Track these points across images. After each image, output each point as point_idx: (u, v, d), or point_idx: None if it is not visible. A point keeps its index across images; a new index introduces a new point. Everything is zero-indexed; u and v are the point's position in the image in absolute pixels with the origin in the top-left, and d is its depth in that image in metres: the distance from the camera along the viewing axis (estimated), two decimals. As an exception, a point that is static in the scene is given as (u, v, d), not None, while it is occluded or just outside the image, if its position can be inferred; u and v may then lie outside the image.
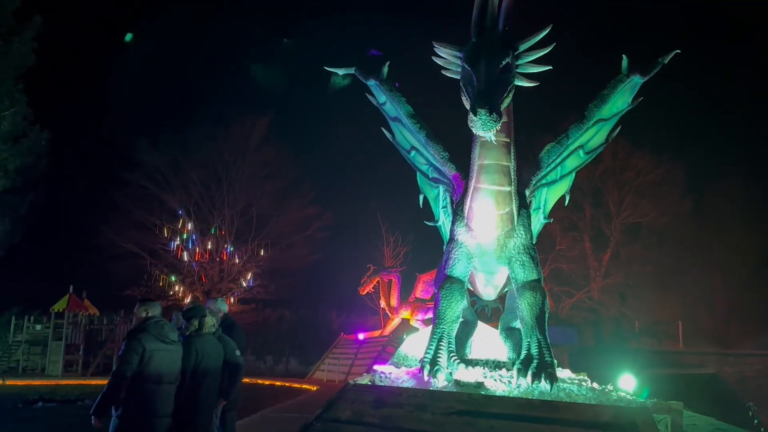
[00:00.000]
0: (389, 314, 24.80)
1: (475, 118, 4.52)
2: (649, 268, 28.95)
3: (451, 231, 5.97)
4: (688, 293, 27.65)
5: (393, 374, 5.39)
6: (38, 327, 25.86)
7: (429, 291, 23.91)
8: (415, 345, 7.37)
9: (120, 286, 29.32)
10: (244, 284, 30.22)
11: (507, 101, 4.97)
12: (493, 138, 4.84)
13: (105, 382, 16.59)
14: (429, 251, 29.18)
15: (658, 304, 28.21)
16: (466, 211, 5.58)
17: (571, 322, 28.91)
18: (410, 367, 5.86)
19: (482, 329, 7.39)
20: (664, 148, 29.87)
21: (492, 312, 7.86)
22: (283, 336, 29.82)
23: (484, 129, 4.56)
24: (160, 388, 5.22)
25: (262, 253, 30.80)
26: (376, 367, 5.82)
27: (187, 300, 29.66)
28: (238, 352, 6.46)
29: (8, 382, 19.86)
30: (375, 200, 31.17)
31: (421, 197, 7.54)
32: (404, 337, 7.56)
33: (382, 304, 25.31)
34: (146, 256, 29.52)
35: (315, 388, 19.60)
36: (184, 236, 29.78)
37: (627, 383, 6.38)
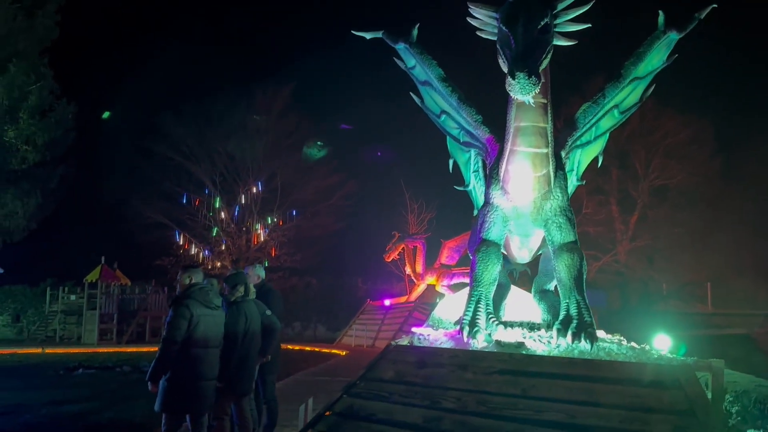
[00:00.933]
0: (415, 280, 24.99)
1: (513, 81, 4.46)
2: (677, 230, 28.61)
3: (486, 194, 5.96)
4: (717, 254, 27.31)
5: (432, 336, 5.47)
6: (73, 297, 26.65)
7: (454, 257, 24.03)
8: (449, 308, 7.45)
9: (150, 256, 29.92)
10: (273, 254, 30.62)
11: (545, 62, 4.89)
12: (531, 100, 4.79)
13: (140, 349, 17.24)
14: (453, 218, 29.21)
15: (686, 266, 27.95)
16: (501, 174, 5.56)
17: (597, 286, 28.82)
18: (447, 330, 5.94)
19: (514, 292, 7.43)
20: (693, 108, 29.21)
21: (519, 275, 7.88)
22: (310, 303, 30.29)
23: (523, 92, 4.50)
24: (207, 352, 5.40)
25: (286, 223, 31.10)
26: (414, 329, 5.91)
27: (217, 269, 30.19)
28: (268, 312, 6.65)
29: (47, 350, 20.61)
30: (398, 168, 31.19)
31: (450, 162, 7.50)
32: (437, 301, 7.65)
33: (408, 270, 25.50)
34: (174, 226, 29.99)
35: (344, 353, 19.96)
36: (213, 206, 30.16)
37: (662, 343, 6.40)
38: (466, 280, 22.41)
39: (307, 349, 21.73)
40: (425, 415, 4.30)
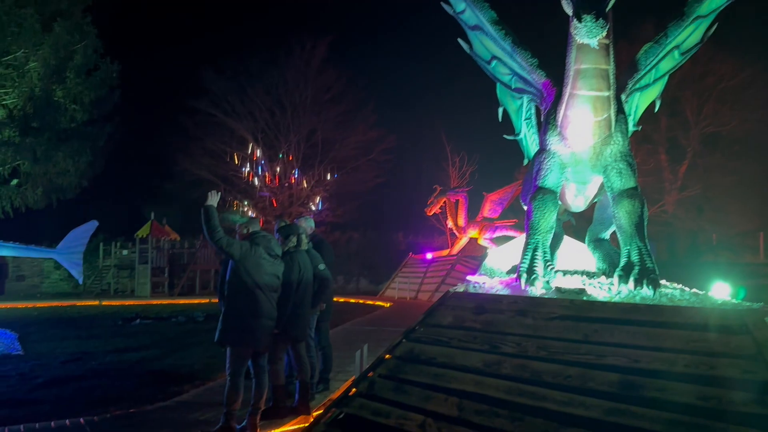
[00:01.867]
0: (456, 234, 24.98)
1: (579, 24, 4.29)
2: (728, 178, 27.65)
3: (542, 141, 5.84)
4: (771, 203, 26.34)
5: (487, 284, 5.48)
6: (125, 252, 27.61)
7: (496, 210, 23.88)
8: (500, 258, 7.44)
9: (197, 212, 30.53)
10: (313, 208, 30.92)
11: (612, 2, 4.69)
12: (596, 43, 4.61)
13: (191, 301, 17.83)
14: (495, 171, 28.92)
15: (737, 216, 27.11)
16: (559, 120, 5.41)
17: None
18: (502, 278, 5.94)
19: (566, 242, 7.33)
20: (748, 51, 27.73)
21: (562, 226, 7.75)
22: (352, 257, 30.65)
23: (590, 36, 4.34)
24: (266, 295, 5.56)
25: (328, 177, 31.26)
26: (469, 277, 5.93)
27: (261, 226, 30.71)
28: (322, 266, 6.82)
29: (104, 303, 21.55)
30: (439, 121, 30.82)
31: (500, 110, 7.34)
32: (487, 252, 7.61)
33: (449, 224, 25.48)
34: (220, 182, 30.50)
35: (388, 305, 20.26)
36: (255, 163, 30.52)
37: (721, 290, 6.27)
38: (509, 233, 22.22)
39: (352, 301, 22.12)
40: (485, 359, 4.35)
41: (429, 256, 25.31)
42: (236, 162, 30.41)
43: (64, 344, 11.35)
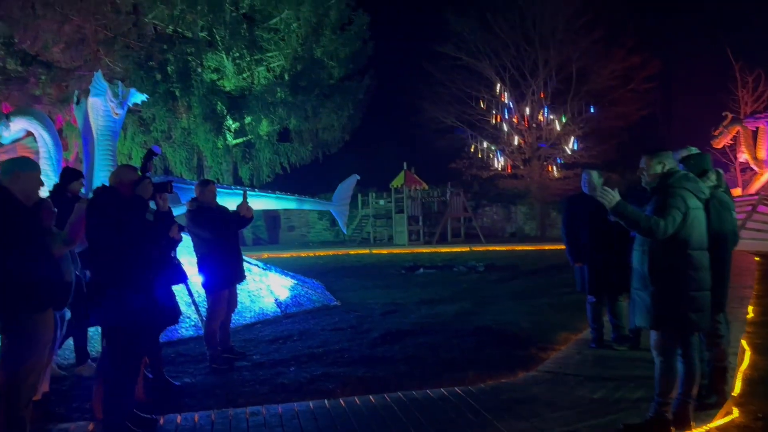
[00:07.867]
0: (756, 169, 20.95)
1: None
2: None
3: None
4: None
5: None
6: (381, 202, 28.41)
7: (814, 136, 19.41)
8: None
9: (445, 160, 30.32)
10: (567, 150, 28.57)
11: None
12: None
13: (452, 249, 16.97)
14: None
15: None
16: None
17: None
18: None
19: None
20: None
21: None
22: (613, 200, 27.75)
23: None
24: (703, 255, 4.17)
25: (583, 114, 28.48)
26: None
27: (508, 171, 29.40)
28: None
29: (373, 251, 22.30)
30: (721, 33, 25.86)
31: None
32: None
33: (743, 157, 21.47)
34: (466, 128, 29.66)
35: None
36: (502, 104, 29.03)
37: None
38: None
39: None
40: None
41: (717, 197, 21.64)
42: (482, 106, 29.20)
43: (368, 294, 11.35)
